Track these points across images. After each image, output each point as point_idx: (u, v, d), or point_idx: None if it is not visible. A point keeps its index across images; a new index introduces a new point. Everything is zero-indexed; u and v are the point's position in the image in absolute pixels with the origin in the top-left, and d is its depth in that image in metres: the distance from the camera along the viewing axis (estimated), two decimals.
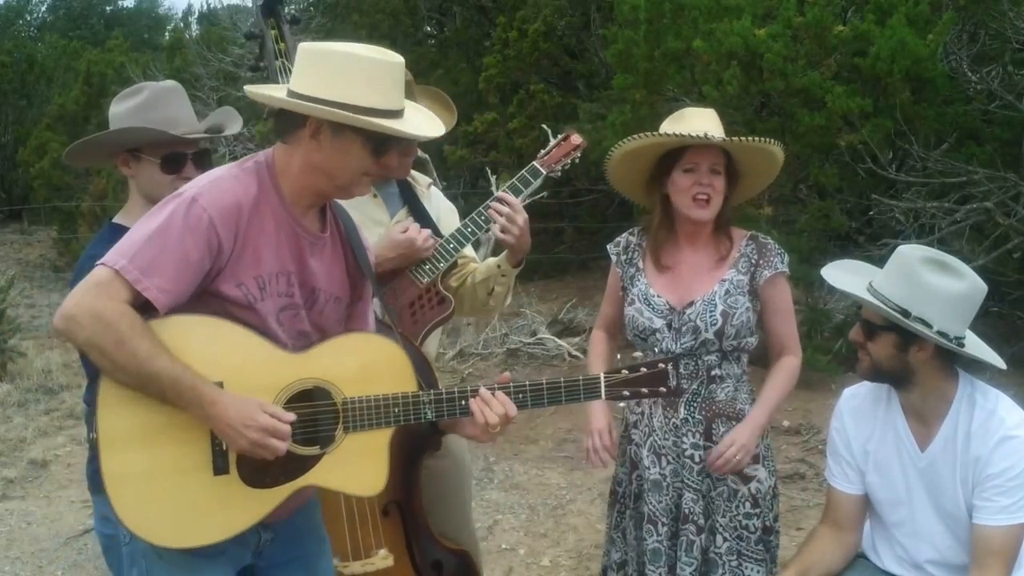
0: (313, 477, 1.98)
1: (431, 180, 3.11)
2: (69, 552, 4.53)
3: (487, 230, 2.85)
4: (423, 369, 2.59)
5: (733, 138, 2.57)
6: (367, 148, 1.92)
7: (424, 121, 2.07)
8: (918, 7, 5.47)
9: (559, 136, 2.95)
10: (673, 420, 2.64)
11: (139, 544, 1.96)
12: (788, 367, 2.69)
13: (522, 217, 2.76)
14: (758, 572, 2.61)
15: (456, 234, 2.82)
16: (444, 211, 3.03)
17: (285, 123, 1.95)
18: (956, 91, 5.72)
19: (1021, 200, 5.35)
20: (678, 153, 2.61)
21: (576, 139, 2.93)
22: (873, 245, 5.85)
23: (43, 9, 28.80)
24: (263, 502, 1.95)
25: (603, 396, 2.10)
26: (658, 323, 2.62)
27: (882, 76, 5.33)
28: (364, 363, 2.01)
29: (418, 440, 2.67)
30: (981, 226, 5.50)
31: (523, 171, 2.87)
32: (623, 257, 2.78)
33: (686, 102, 6.05)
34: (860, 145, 5.47)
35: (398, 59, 1.94)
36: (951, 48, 5.67)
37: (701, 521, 2.61)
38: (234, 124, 2.55)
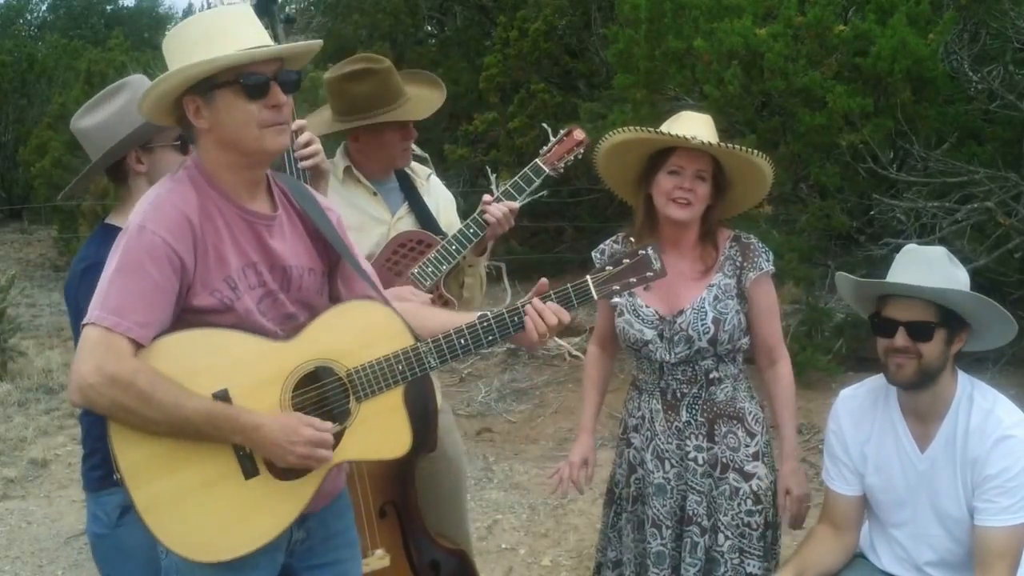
0: (342, 453, 1.98)
1: (430, 171, 3.09)
2: (69, 552, 4.54)
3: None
4: None
5: (721, 144, 2.51)
6: (241, 96, 1.87)
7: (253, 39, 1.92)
8: (919, 7, 5.46)
9: (562, 132, 2.91)
10: (675, 423, 2.64)
11: (174, 559, 1.95)
12: (786, 378, 2.68)
13: (513, 220, 2.76)
14: (759, 568, 2.62)
15: (458, 235, 2.79)
16: (444, 202, 3.01)
17: (183, 122, 1.95)
18: (957, 91, 5.71)
19: (1022, 200, 5.33)
20: (666, 154, 2.56)
21: (579, 135, 2.89)
22: (874, 245, 5.84)
23: (43, 8, 28.88)
24: (301, 491, 1.96)
25: (595, 296, 2.06)
26: (649, 334, 2.60)
27: (883, 76, 5.32)
28: (357, 331, 2.00)
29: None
30: (982, 226, 5.49)
31: (525, 169, 2.85)
32: None
33: (687, 101, 6.04)
34: (861, 145, 5.46)
35: (234, 8, 1.92)
36: (952, 48, 5.66)
37: (705, 522, 2.61)
38: None
